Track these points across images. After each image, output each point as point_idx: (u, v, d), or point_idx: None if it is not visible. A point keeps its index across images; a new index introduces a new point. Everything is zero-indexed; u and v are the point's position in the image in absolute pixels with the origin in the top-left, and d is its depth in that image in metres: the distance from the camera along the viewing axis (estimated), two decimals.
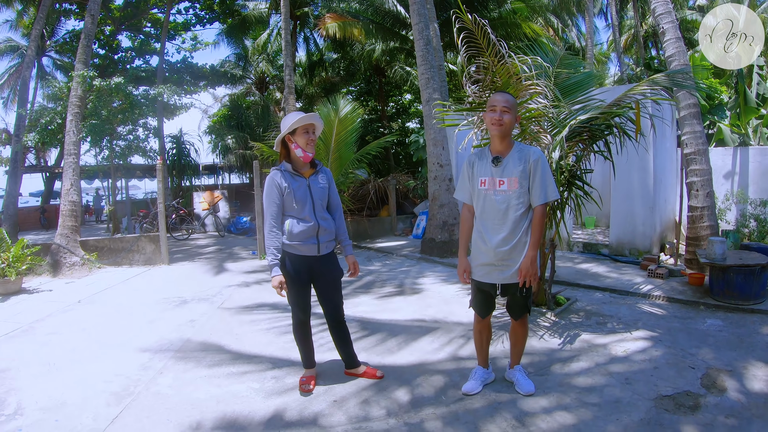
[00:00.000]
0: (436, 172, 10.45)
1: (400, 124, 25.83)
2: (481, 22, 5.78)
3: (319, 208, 4.33)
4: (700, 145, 8.31)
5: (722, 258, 6.82)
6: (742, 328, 6.01)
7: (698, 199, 8.34)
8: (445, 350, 5.37)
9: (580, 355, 5.17)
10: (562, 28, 26.40)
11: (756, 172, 10.76)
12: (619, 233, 9.85)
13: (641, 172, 9.38)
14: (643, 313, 6.62)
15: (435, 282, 8.35)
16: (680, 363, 4.96)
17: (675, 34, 8.57)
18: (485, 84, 6.02)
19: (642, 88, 6.01)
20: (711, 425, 3.84)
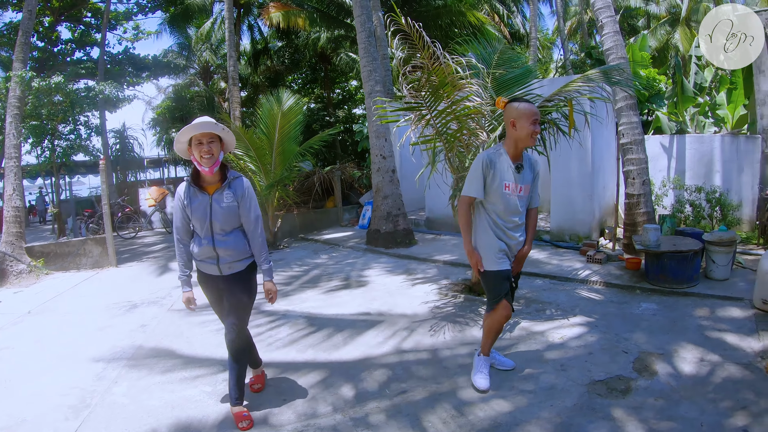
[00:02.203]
0: (379, 163, 10.52)
1: (346, 111, 25.78)
2: (416, 25, 5.87)
3: (219, 230, 3.87)
4: (636, 135, 8.61)
5: (656, 244, 7.11)
6: (676, 311, 6.28)
7: (635, 186, 8.64)
8: (389, 343, 5.47)
9: (519, 344, 5.34)
10: (508, 15, 26.61)
11: (692, 159, 11.14)
12: (559, 220, 10.10)
13: (580, 161, 9.63)
14: (581, 298, 6.83)
15: (380, 274, 8.46)
16: (614, 348, 5.18)
17: (613, 28, 8.79)
18: (421, 84, 6.11)
19: (577, 85, 6.16)
20: (640, 408, 4.03)
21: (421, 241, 10.77)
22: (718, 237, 7.25)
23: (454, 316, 6.20)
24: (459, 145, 6.50)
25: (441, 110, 6.24)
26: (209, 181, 3.88)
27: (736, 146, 10.73)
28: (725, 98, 12.85)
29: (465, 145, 6.49)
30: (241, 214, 3.94)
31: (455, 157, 6.61)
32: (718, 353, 5.03)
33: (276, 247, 11.10)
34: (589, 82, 6.20)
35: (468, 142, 6.45)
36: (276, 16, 17.98)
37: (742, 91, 12.21)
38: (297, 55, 24.35)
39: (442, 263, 8.89)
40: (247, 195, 3.94)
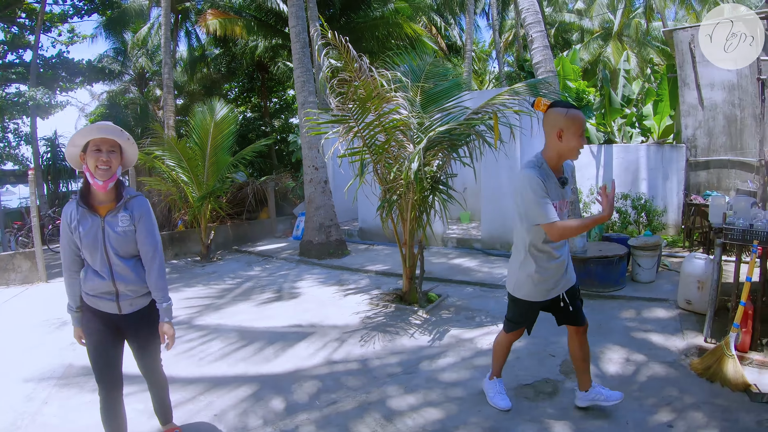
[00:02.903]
0: (312, 174, 10.49)
1: (283, 121, 25.60)
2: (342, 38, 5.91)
3: (117, 259, 3.23)
4: None
5: (583, 250, 7.38)
6: (602, 314, 6.51)
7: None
8: (320, 355, 5.47)
9: (448, 351, 5.43)
10: (445, 27, 27.06)
11: (619, 167, 11.68)
12: (489, 228, 10.34)
13: (510, 171, 9.87)
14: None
15: (313, 285, 8.44)
16: (541, 352, 5.34)
17: (543, 42, 9.07)
18: (348, 96, 6.16)
19: (504, 98, 6.28)
20: (567, 409, 4.17)
21: (354, 252, 10.83)
22: (643, 242, 7.60)
23: (385, 326, 6.25)
24: (387, 156, 6.58)
25: (369, 122, 6.30)
26: (102, 199, 3.23)
27: (661, 155, 11.31)
28: (651, 109, 13.45)
29: (393, 157, 6.58)
30: (138, 241, 3.31)
31: (383, 169, 6.68)
32: (644, 353, 5.26)
33: (209, 260, 10.93)
34: (515, 95, 6.35)
35: (397, 154, 6.54)
36: (213, 24, 17.72)
37: (668, 103, 12.83)
38: (234, 63, 24.01)
39: (374, 273, 8.96)
40: (146, 217, 3.33)
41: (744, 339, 5.01)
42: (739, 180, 10.81)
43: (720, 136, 11.00)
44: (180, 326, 6.43)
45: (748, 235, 5.02)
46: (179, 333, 6.13)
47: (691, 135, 11.21)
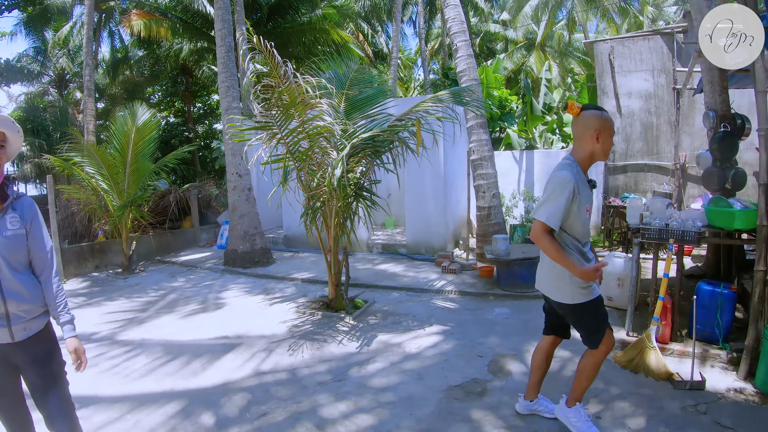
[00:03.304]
0: (236, 182, 10.28)
1: (207, 126, 25.08)
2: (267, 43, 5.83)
3: (8, 271, 2.68)
4: (485, 152, 9.14)
5: (506, 253, 7.58)
6: (527, 313, 6.71)
7: (485, 199, 9.18)
8: (248, 366, 5.36)
9: (377, 356, 5.44)
10: (372, 34, 27.19)
11: (540, 172, 12.12)
12: (414, 233, 10.44)
13: (433, 177, 10.06)
14: (437, 308, 7.09)
15: (238, 295, 8.28)
16: (469, 353, 5.42)
17: (467, 51, 9.30)
18: (271, 103, 6.09)
19: (427, 105, 6.37)
20: (497, 407, 4.25)
21: (279, 260, 10.71)
22: None
23: (312, 334, 6.20)
24: (311, 163, 6.53)
25: (292, 129, 6.24)
26: None
27: None
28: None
29: (317, 164, 6.54)
30: (30, 247, 2.81)
31: (307, 176, 6.63)
32: (569, 349, 5.38)
33: (132, 272, 10.54)
34: (439, 102, 6.43)
35: (320, 161, 6.51)
36: (138, 24, 17.05)
37: None
38: (158, 66, 23.30)
39: (301, 281, 8.90)
40: (37, 219, 2.87)
41: (664, 331, 5.31)
42: (656, 183, 11.43)
43: (637, 141, 11.65)
44: (102, 342, 6.18)
45: (664, 234, 5.28)
46: (102, 350, 5.90)
47: None
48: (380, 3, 25.31)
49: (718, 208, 5.39)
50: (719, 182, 6.55)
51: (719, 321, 5.16)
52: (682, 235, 5.22)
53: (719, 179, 6.54)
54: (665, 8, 27.36)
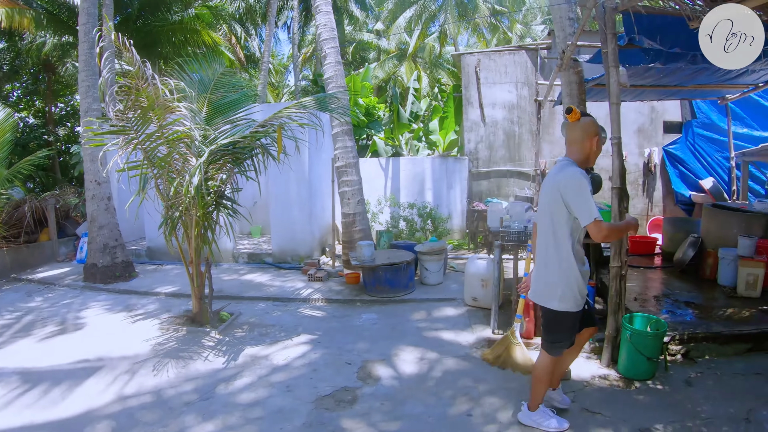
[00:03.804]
0: (94, 190, 9.57)
1: (69, 129, 23.36)
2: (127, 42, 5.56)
3: None
4: (350, 159, 9.19)
5: (371, 259, 7.66)
6: (394, 318, 6.78)
7: (350, 206, 9.23)
8: (111, 390, 5.00)
9: (244, 371, 5.26)
10: (245, 37, 26.60)
11: (407, 178, 12.40)
12: (280, 241, 10.28)
13: (299, 183, 9.96)
14: (305, 317, 7.01)
15: (99, 313, 7.71)
16: (338, 361, 5.38)
17: (335, 58, 9.30)
18: (128, 105, 5.77)
19: (291, 111, 6.30)
20: (368, 414, 4.23)
21: (142, 273, 10.11)
22: (429, 247, 8.12)
23: (177, 351, 5.90)
24: (170, 170, 6.24)
25: (150, 134, 5.96)
26: None
27: (446, 166, 12.22)
28: (438, 125, 14.35)
29: (176, 171, 6.25)
30: None
31: (166, 183, 6.32)
32: (437, 350, 5.54)
33: None
34: (302, 108, 6.38)
35: (180, 168, 6.24)
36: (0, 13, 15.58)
37: (453, 119, 13.86)
38: (19, 60, 21.34)
39: (164, 295, 8.46)
40: None
41: (528, 327, 5.57)
42: (518, 187, 12.12)
43: (500, 149, 12.31)
44: None
45: (522, 236, 5.51)
46: None
47: (473, 148, 12.36)
48: (255, 6, 24.74)
49: None
50: None
51: None
52: None
53: None
54: (533, 26, 29.02)
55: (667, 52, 5.84)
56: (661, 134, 11.99)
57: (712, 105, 10.99)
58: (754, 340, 5.41)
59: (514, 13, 26.88)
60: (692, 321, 5.73)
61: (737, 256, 6.90)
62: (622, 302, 5.05)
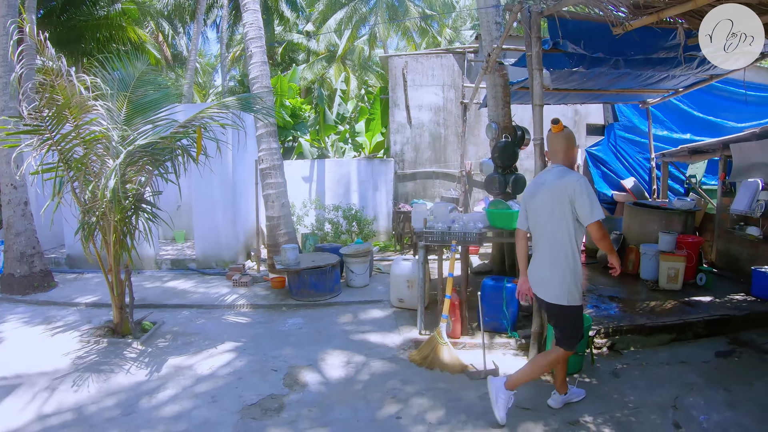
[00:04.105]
0: (10, 194, 8.97)
1: None
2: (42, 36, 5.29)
3: None
4: (275, 161, 9.10)
5: (296, 262, 7.55)
6: (321, 321, 6.72)
7: (274, 209, 9.13)
8: (30, 410, 4.69)
9: (167, 383, 5.07)
10: (173, 35, 25.90)
11: (332, 180, 12.33)
12: (204, 246, 9.96)
13: (222, 186, 9.67)
14: (229, 324, 6.82)
15: (16, 327, 7.23)
16: (264, 368, 5.26)
17: (261, 58, 9.17)
18: (42, 103, 5.49)
19: (212, 111, 6.14)
20: (295, 421, 4.16)
21: (62, 283, 9.52)
22: (354, 249, 8.12)
23: (99, 365, 5.62)
24: (87, 173, 5.93)
25: (65, 134, 5.68)
26: None
27: (371, 168, 12.23)
28: (364, 127, 14.33)
29: (94, 174, 5.92)
30: None
31: (82, 187, 5.99)
32: (364, 353, 5.51)
33: None
34: (225, 108, 6.21)
35: (98, 171, 5.94)
36: None
37: (380, 121, 13.85)
38: None
39: (85, 306, 8.02)
40: None
41: (455, 327, 5.61)
42: (443, 189, 12.29)
43: (426, 150, 12.44)
44: None
45: (446, 237, 5.53)
46: None
47: (399, 150, 12.48)
48: (184, 3, 24.06)
49: (498, 210, 5.81)
50: (500, 187, 7.10)
51: (506, 312, 5.59)
52: (463, 236, 5.52)
53: (500, 184, 7.10)
54: (463, 31, 29.44)
55: (590, 57, 6.00)
56: (584, 136, 12.38)
57: (633, 108, 11.43)
58: (677, 330, 5.73)
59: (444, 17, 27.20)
60: (617, 315, 6.01)
61: (658, 251, 7.25)
62: None
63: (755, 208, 7.45)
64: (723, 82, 10.40)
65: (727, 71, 7.63)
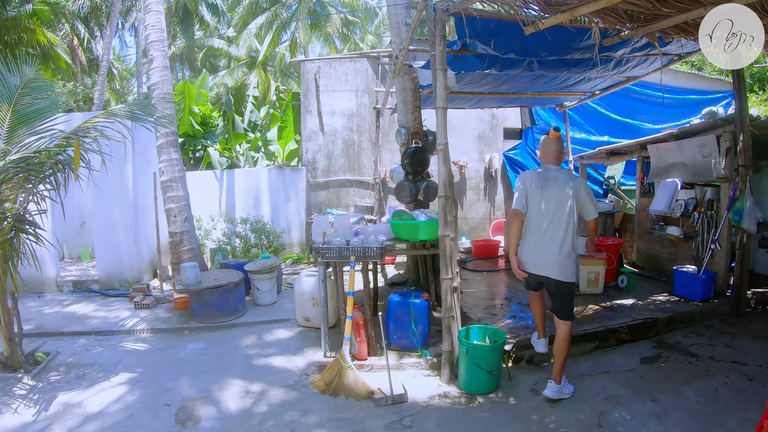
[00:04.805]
0: None
1: None
2: None
3: None
4: (176, 173, 8.62)
5: (196, 282, 7.02)
6: (223, 345, 6.23)
7: (177, 224, 8.64)
8: None
9: (54, 423, 4.50)
10: (89, 39, 24.62)
11: (242, 191, 11.85)
12: (106, 266, 9.25)
13: (122, 201, 9.03)
14: (126, 352, 6.24)
15: None
16: (157, 402, 4.78)
17: (163, 62, 8.70)
18: None
19: (98, 120, 5.66)
20: None
21: None
22: (260, 265, 7.64)
23: None
24: None
25: None
26: None
27: (282, 177, 11.83)
28: (276, 135, 13.83)
29: None
30: None
31: None
32: (265, 380, 5.11)
33: None
34: (111, 116, 5.74)
35: None
36: None
37: (292, 128, 13.37)
38: None
39: None
40: None
41: (360, 348, 5.19)
42: (358, 197, 11.97)
43: (339, 158, 12.05)
44: None
45: (344, 252, 5.12)
46: None
47: (311, 158, 12.04)
48: (101, 5, 22.86)
49: (402, 222, 5.45)
50: (411, 195, 6.76)
51: (414, 330, 5.24)
52: (363, 251, 5.16)
53: (411, 192, 6.75)
54: (385, 38, 29.14)
55: (503, 58, 5.80)
56: (501, 140, 12.33)
57: (551, 112, 11.42)
58: (600, 337, 5.53)
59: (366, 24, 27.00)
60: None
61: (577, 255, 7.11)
62: (456, 316, 4.83)
63: (674, 208, 7.52)
64: (640, 85, 10.63)
65: (643, 73, 7.60)
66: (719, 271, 6.80)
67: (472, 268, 9.02)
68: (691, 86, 12.19)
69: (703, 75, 13.61)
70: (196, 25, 25.96)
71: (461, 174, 12.04)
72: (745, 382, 4.70)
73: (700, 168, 7.17)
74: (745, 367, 5.00)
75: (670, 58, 6.76)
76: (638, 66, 6.96)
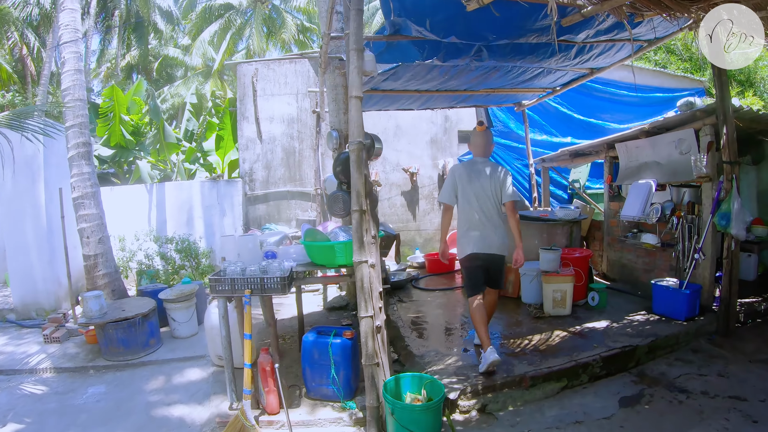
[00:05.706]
0: None
1: None
2: None
3: None
4: (88, 188, 7.74)
5: (100, 314, 6.01)
6: (126, 389, 5.26)
7: (90, 246, 7.73)
8: None
9: None
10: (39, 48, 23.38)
11: (173, 207, 10.78)
12: (21, 293, 8.25)
13: (35, 220, 8.08)
14: (23, 396, 5.23)
15: None
16: None
17: (76, 65, 7.93)
18: None
19: None
20: None
21: None
22: (178, 292, 6.61)
23: None
24: None
25: None
26: None
27: (216, 190, 10.82)
28: (214, 144, 12.70)
29: None
30: None
31: None
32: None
33: None
34: None
35: None
36: None
37: (231, 137, 12.28)
38: None
39: None
40: None
41: (269, 400, 4.16)
42: (300, 210, 10.97)
43: (279, 168, 11.07)
44: None
45: (238, 284, 4.07)
46: None
47: (249, 169, 11.05)
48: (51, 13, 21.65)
49: (316, 243, 4.47)
50: (345, 207, 5.64)
51: (335, 377, 4.21)
52: (261, 283, 4.08)
53: (345, 203, 5.61)
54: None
55: (446, 45, 4.95)
56: (456, 144, 11.44)
57: (509, 112, 10.55)
58: (569, 375, 4.55)
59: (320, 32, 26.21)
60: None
61: (540, 271, 6.25)
62: (383, 363, 3.84)
63: (649, 213, 6.64)
64: (604, 83, 10.14)
65: (609, 63, 6.76)
66: (704, 283, 5.91)
67: (423, 286, 8.10)
68: (657, 84, 11.56)
69: (668, 72, 13.01)
70: (151, 33, 24.85)
71: (413, 182, 11.11)
72: (748, 425, 3.75)
73: (677, 167, 6.28)
74: (746, 403, 4.05)
75: (640, 44, 5.92)
76: (603, 54, 6.12)
